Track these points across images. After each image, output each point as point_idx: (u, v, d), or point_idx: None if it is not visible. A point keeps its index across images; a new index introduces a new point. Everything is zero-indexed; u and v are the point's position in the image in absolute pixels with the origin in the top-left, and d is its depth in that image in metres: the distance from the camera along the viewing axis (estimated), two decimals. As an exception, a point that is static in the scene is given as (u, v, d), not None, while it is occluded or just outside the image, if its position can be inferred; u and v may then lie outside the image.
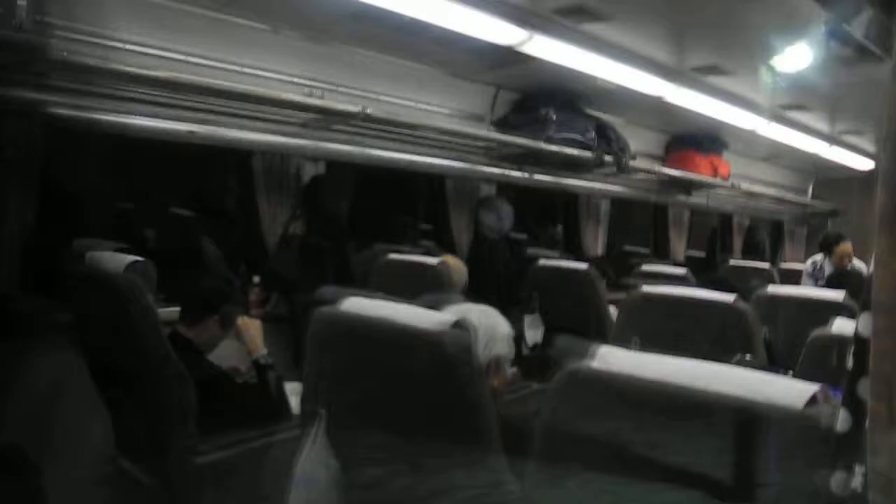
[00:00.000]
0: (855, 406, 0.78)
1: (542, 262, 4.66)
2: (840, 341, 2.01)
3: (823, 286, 5.36)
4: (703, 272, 5.82)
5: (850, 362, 0.79)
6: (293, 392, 2.70)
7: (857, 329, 0.77)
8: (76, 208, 3.38)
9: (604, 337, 3.49)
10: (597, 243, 6.27)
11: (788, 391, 1.06)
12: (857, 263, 5.61)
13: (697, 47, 4.30)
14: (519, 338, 4.08)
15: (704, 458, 1.09)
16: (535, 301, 4.36)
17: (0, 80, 2.78)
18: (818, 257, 5.85)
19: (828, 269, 5.61)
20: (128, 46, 3.05)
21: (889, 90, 0.62)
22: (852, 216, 8.34)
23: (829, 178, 8.81)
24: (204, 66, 3.30)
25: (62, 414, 2.74)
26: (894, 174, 0.61)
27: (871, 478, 0.66)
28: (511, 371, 2.18)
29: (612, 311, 3.99)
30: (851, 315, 2.38)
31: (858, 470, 0.80)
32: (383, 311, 1.79)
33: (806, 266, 6.00)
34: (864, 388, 0.73)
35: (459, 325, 1.62)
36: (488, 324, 2.00)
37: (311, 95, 3.70)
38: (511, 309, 3.81)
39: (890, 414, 0.63)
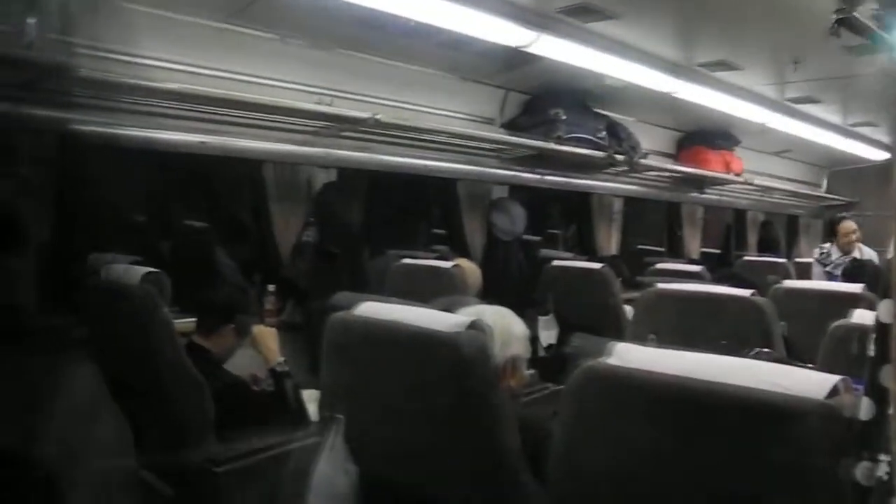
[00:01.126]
0: (878, 394, 0.78)
1: (557, 262, 4.65)
2: (860, 331, 1.99)
3: (831, 271, 5.40)
4: (719, 268, 5.79)
5: (871, 350, 0.78)
6: (311, 399, 2.70)
7: (878, 317, 0.76)
8: (91, 222, 3.40)
9: (620, 335, 3.47)
10: (610, 242, 6.25)
11: (809, 382, 1.04)
12: (866, 250, 5.61)
13: (705, 43, 4.29)
14: (534, 339, 4.07)
15: (727, 451, 1.08)
16: (549, 302, 4.34)
17: (15, 98, 2.80)
18: (826, 245, 5.90)
19: (834, 255, 5.67)
20: (137, 60, 3.06)
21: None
22: (868, 207, 8.27)
23: (843, 170, 8.76)
24: (213, 76, 3.31)
25: (81, 428, 2.75)
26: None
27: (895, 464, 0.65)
28: (528, 372, 2.17)
29: (628, 310, 3.96)
30: (869, 306, 2.36)
31: (884, 458, 0.79)
32: (398, 315, 1.78)
33: (814, 253, 6.04)
34: (887, 375, 0.72)
35: (475, 326, 1.61)
36: (503, 324, 1.99)
37: (320, 103, 3.70)
38: (526, 310, 3.80)
39: (914, 398, 0.61)
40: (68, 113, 2.97)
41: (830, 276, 5.49)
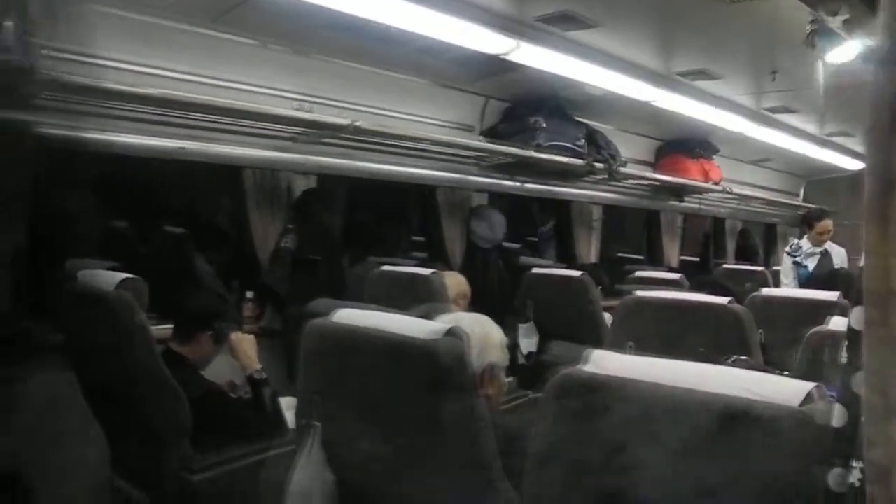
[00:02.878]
0: (851, 400, 0.78)
1: (536, 270, 4.66)
2: (834, 338, 2.01)
3: (800, 261, 5.43)
4: (697, 276, 5.83)
5: (844, 357, 0.79)
6: (288, 406, 2.69)
7: (850, 323, 0.77)
8: (67, 227, 3.37)
9: (599, 343, 3.48)
10: (590, 250, 6.27)
11: (784, 389, 1.05)
12: (836, 248, 5.65)
13: (684, 52, 4.32)
14: (514, 347, 4.07)
15: (701, 457, 1.08)
16: (529, 310, 4.35)
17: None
18: (797, 240, 5.93)
19: (805, 247, 5.69)
20: (116, 64, 3.03)
21: (874, 81, 0.61)
22: (843, 216, 8.36)
23: (820, 179, 8.85)
24: (192, 81, 3.29)
25: (56, 434, 2.72)
26: (880, 164, 0.61)
27: (867, 470, 0.65)
28: (506, 380, 2.17)
29: (607, 317, 3.98)
30: (844, 314, 2.37)
31: (856, 465, 0.79)
32: (376, 322, 1.78)
33: (786, 248, 6.09)
34: (859, 381, 0.73)
35: (452, 333, 1.61)
36: (481, 332, 1.99)
37: (300, 109, 3.69)
38: (505, 318, 3.80)
39: (885, 404, 0.62)
40: (44, 117, 2.94)
41: (799, 266, 5.56)
